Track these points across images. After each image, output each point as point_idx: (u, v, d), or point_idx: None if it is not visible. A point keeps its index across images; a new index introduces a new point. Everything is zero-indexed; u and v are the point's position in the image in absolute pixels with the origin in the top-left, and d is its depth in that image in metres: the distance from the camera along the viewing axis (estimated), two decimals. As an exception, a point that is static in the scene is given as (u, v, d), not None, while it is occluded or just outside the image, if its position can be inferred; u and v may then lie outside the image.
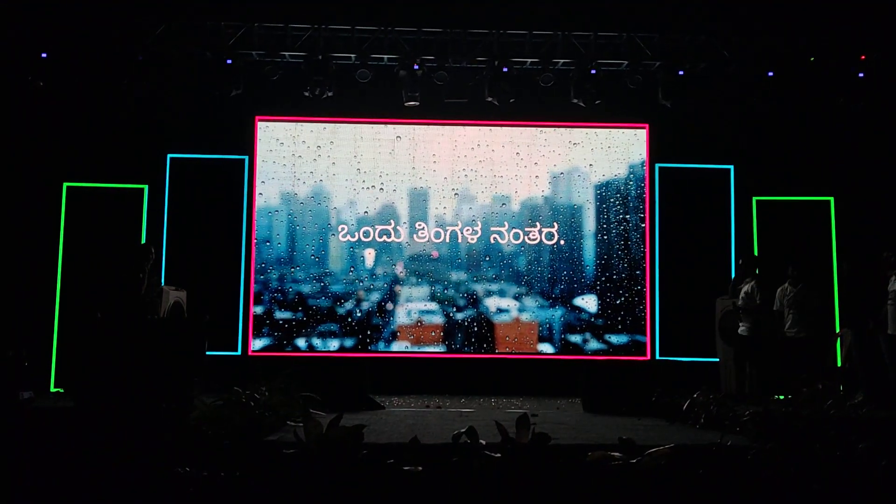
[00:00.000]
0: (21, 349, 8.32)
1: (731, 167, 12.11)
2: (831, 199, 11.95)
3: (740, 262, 10.70)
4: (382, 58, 11.42)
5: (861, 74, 11.24)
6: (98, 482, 6.02)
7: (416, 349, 11.81)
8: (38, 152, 11.50)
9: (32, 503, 6.00)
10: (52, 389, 9.58)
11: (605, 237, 12.02)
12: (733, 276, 11.08)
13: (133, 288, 9.21)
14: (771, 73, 11.29)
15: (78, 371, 9.14)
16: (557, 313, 11.92)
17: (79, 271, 10.82)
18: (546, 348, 11.87)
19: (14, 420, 6.18)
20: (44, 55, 10.81)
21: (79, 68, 10.97)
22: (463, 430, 4.39)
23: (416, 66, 11.20)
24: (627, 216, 12.06)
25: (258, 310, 11.71)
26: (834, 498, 4.31)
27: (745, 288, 10.22)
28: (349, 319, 11.80)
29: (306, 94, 11.21)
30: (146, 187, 11.64)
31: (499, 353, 11.83)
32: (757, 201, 12.01)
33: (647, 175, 12.08)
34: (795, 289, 10.28)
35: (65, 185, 11.44)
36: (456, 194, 12.06)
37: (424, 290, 11.94)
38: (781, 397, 5.38)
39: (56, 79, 10.96)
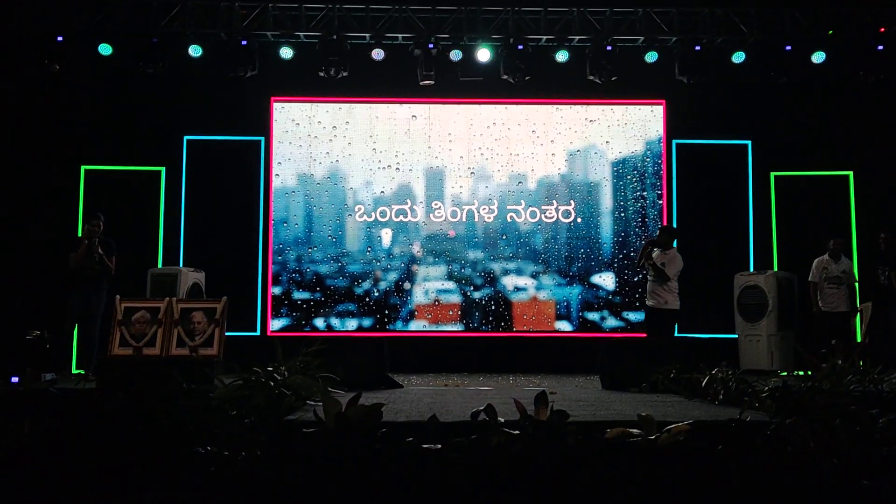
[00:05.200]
0: (43, 331, 8.39)
1: (749, 142, 12.04)
2: (850, 173, 11.86)
3: (658, 233, 9.96)
4: (397, 37, 11.39)
5: (880, 47, 11.09)
6: (119, 462, 6.08)
7: (433, 328, 11.84)
8: (56, 136, 11.56)
9: (53, 483, 6.07)
10: (74, 371, 9.66)
11: (623, 214, 11.98)
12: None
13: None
14: (789, 47, 11.17)
15: (99, 352, 9.24)
16: (575, 291, 11.92)
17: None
18: (564, 326, 11.88)
19: (39, 401, 6.25)
20: (59, 38, 10.83)
21: (94, 51, 10.98)
22: (481, 408, 4.40)
23: (430, 45, 11.15)
24: (644, 193, 12.01)
25: (276, 290, 11.77)
26: (854, 473, 4.30)
27: (660, 259, 9.59)
28: (367, 299, 11.84)
29: (321, 74, 11.19)
30: (163, 169, 11.71)
31: (516, 332, 11.85)
32: (775, 176, 11.94)
33: (664, 151, 12.02)
34: (837, 263, 10.18)
35: (83, 167, 11.51)
36: (472, 173, 12.04)
37: (441, 269, 11.95)
38: (801, 373, 5.36)
39: (72, 62, 10.99)
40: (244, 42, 11.09)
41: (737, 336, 11.14)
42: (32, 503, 5.83)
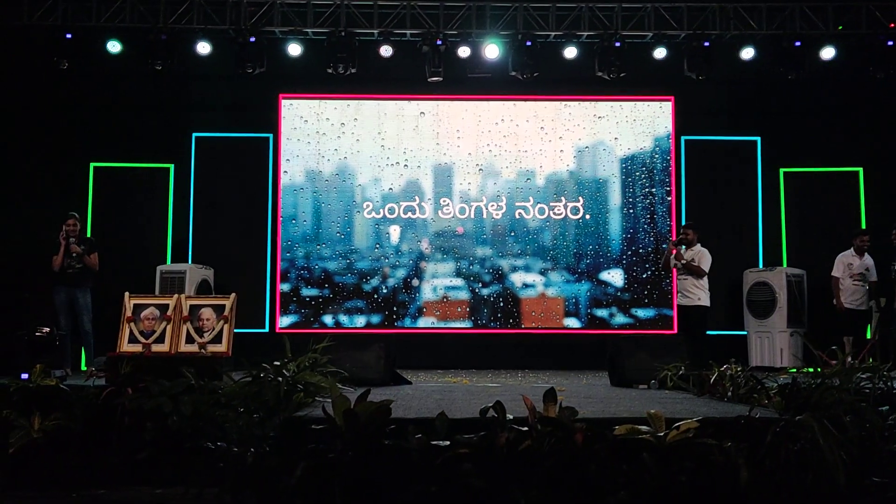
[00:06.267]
0: (52, 328, 8.42)
1: (758, 138, 12.00)
2: (860, 169, 11.80)
3: (684, 231, 9.75)
4: (405, 33, 11.37)
5: (890, 42, 11.02)
6: (128, 457, 6.11)
7: (442, 325, 11.84)
8: (65, 133, 11.60)
9: (64, 477, 6.11)
10: (83, 368, 9.69)
11: (631, 211, 11.96)
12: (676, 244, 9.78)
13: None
14: (798, 43, 11.11)
15: (97, 348, 9.30)
16: (583, 288, 11.90)
17: (106, 250, 10.87)
18: (572, 323, 11.86)
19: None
20: (68, 36, 10.85)
21: (103, 48, 11.01)
22: (490, 405, 4.40)
23: (438, 42, 11.13)
24: (653, 189, 11.98)
25: (285, 287, 11.78)
26: (863, 470, 4.28)
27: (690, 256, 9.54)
28: (375, 296, 11.84)
29: (329, 70, 11.18)
30: (172, 166, 11.73)
31: (525, 328, 11.84)
32: (784, 172, 11.90)
33: (672, 148, 11.99)
34: (862, 259, 10.09)
35: (92, 164, 11.54)
36: (480, 170, 12.03)
37: (450, 265, 11.95)
38: (811, 369, 5.35)
39: (81, 59, 11.01)
40: (252, 39, 11.07)
41: (746, 333, 11.12)
42: (43, 497, 5.86)
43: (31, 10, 10.90)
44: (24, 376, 6.63)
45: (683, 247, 9.59)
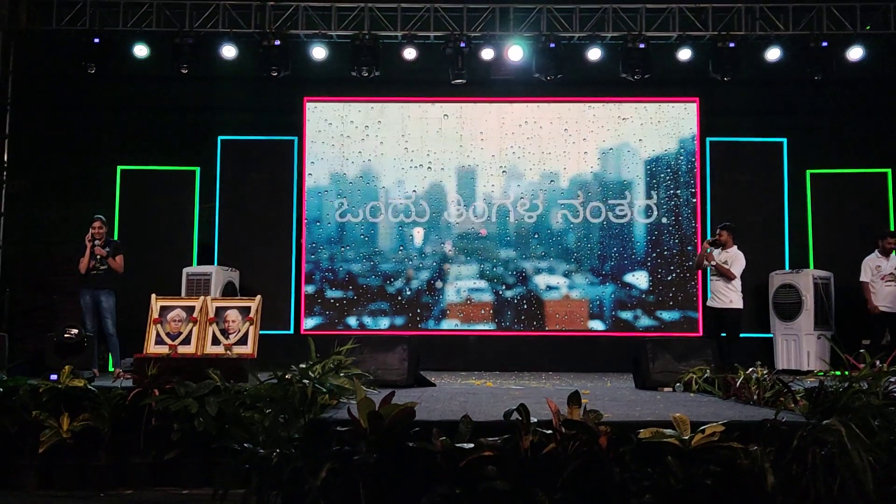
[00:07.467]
0: (80, 330, 8.51)
1: (785, 140, 11.89)
2: (889, 170, 11.68)
3: (719, 232, 9.55)
4: (429, 35, 11.39)
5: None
6: (155, 457, 6.17)
7: (465, 327, 11.84)
8: (92, 136, 11.73)
9: (91, 476, 6.18)
10: (111, 369, 9.78)
11: (656, 213, 11.90)
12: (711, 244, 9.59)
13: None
14: (825, 43, 11.02)
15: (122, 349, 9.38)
16: (608, 290, 11.86)
17: (133, 252, 10.96)
18: (597, 325, 11.82)
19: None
20: (96, 40, 10.96)
21: (130, 52, 11.12)
22: (514, 408, 4.40)
23: (462, 44, 11.13)
24: (678, 191, 11.92)
25: (309, 289, 11.83)
26: (893, 475, 4.25)
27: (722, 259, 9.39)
28: (399, 298, 11.86)
29: (353, 73, 11.22)
30: (198, 169, 11.80)
31: (549, 331, 11.81)
32: (811, 174, 11.79)
33: (697, 149, 11.92)
34: (888, 260, 9.99)
35: (119, 167, 11.64)
36: (504, 172, 12.03)
37: (473, 268, 11.95)
38: (838, 373, 5.30)
39: (108, 63, 11.11)
40: (277, 42, 11.13)
41: (772, 335, 11.05)
42: (72, 497, 5.93)
43: (60, 15, 11.06)
44: (54, 377, 6.71)
45: (716, 248, 9.50)
